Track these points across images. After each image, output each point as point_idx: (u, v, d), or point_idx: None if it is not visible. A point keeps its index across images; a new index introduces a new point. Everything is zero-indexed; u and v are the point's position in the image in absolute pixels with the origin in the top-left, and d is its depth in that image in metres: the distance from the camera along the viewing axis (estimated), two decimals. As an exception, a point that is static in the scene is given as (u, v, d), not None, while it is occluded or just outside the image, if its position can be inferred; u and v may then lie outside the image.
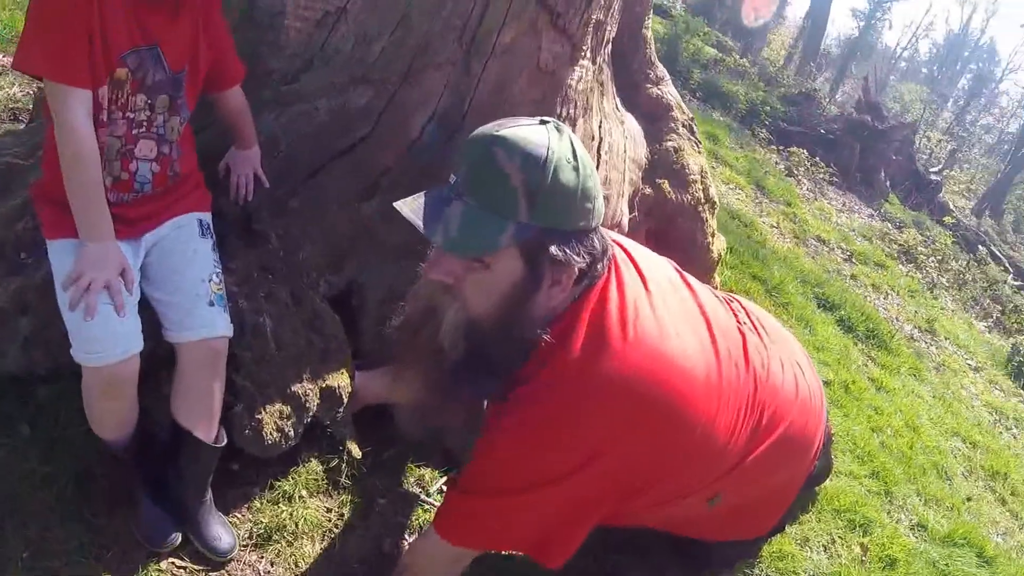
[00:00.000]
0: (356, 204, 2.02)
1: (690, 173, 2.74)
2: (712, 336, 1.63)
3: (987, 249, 12.10)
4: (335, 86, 1.99)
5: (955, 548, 3.37)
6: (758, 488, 1.84)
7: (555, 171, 1.32)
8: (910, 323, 6.65)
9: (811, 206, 8.52)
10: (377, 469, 2.04)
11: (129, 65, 1.52)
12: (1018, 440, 5.50)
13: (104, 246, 1.52)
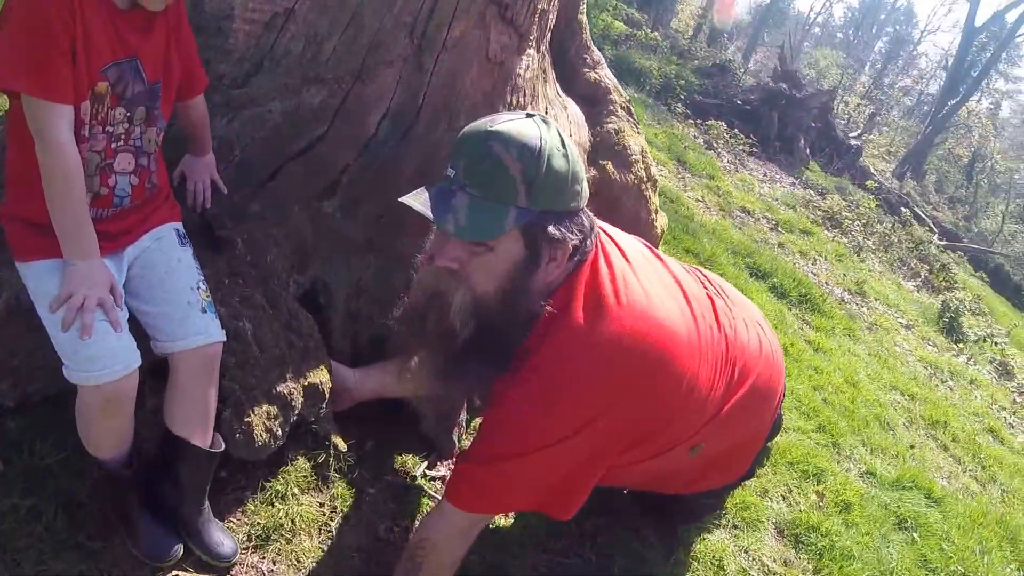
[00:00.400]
0: (317, 203, 2.12)
1: (631, 154, 2.96)
2: (687, 301, 1.86)
3: (910, 211, 12.84)
4: (288, 87, 2.08)
5: (904, 491, 3.74)
6: (732, 436, 2.08)
7: (548, 159, 1.53)
8: (840, 286, 7.11)
9: (733, 178, 8.95)
10: (362, 461, 2.17)
11: (109, 78, 1.55)
12: (954, 391, 5.99)
13: (91, 263, 1.55)
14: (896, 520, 3.47)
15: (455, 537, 1.81)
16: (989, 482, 4.63)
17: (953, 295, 8.25)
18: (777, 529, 2.98)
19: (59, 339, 1.54)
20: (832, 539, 3.01)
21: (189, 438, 1.71)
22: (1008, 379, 7.16)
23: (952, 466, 4.58)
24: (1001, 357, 7.39)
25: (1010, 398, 6.75)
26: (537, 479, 1.74)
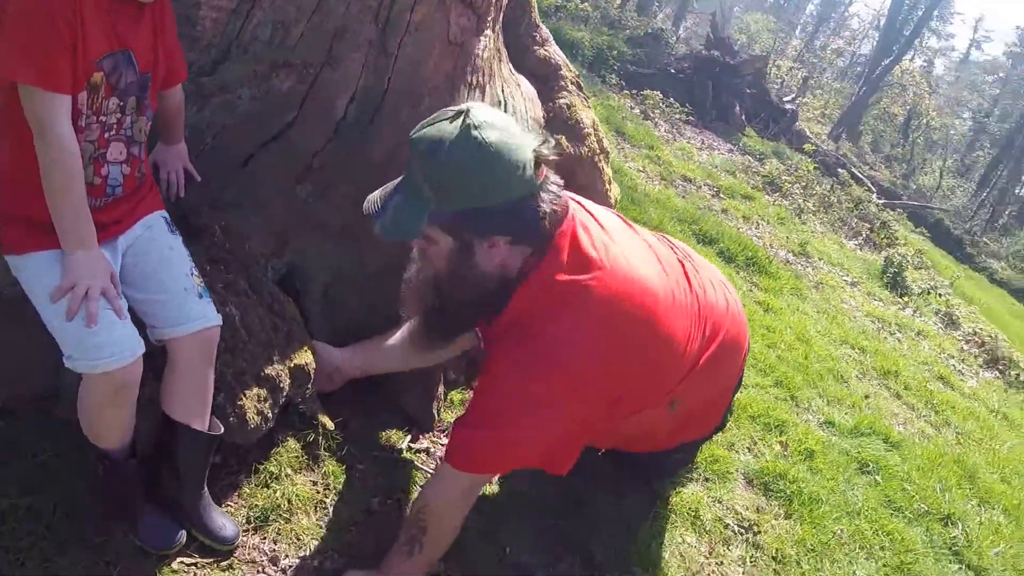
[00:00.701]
0: (291, 189, 2.22)
1: (584, 127, 3.12)
2: (661, 264, 2.03)
3: (848, 171, 13.32)
4: (257, 74, 2.16)
5: (863, 438, 4.02)
6: (706, 390, 2.27)
7: (448, 164, 1.66)
8: (784, 248, 7.43)
9: (672, 147, 9.23)
10: (349, 438, 2.29)
11: (104, 69, 1.62)
12: (903, 343, 6.35)
13: (91, 253, 1.62)
14: (858, 465, 3.74)
15: (457, 499, 1.94)
16: (943, 425, 4.96)
17: (895, 251, 8.67)
18: (746, 479, 3.22)
19: (62, 329, 1.60)
20: (799, 485, 3.26)
21: (189, 423, 1.79)
22: (954, 328, 7.59)
23: (906, 412, 4.91)
24: (946, 308, 7.81)
25: (957, 346, 7.17)
26: (534, 438, 1.88)
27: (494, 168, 1.68)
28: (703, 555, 2.68)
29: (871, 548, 3.18)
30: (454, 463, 1.90)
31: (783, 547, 2.89)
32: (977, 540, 3.63)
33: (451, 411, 2.65)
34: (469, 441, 1.89)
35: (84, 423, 1.74)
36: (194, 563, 1.86)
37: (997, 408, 5.93)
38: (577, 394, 1.84)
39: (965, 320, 7.95)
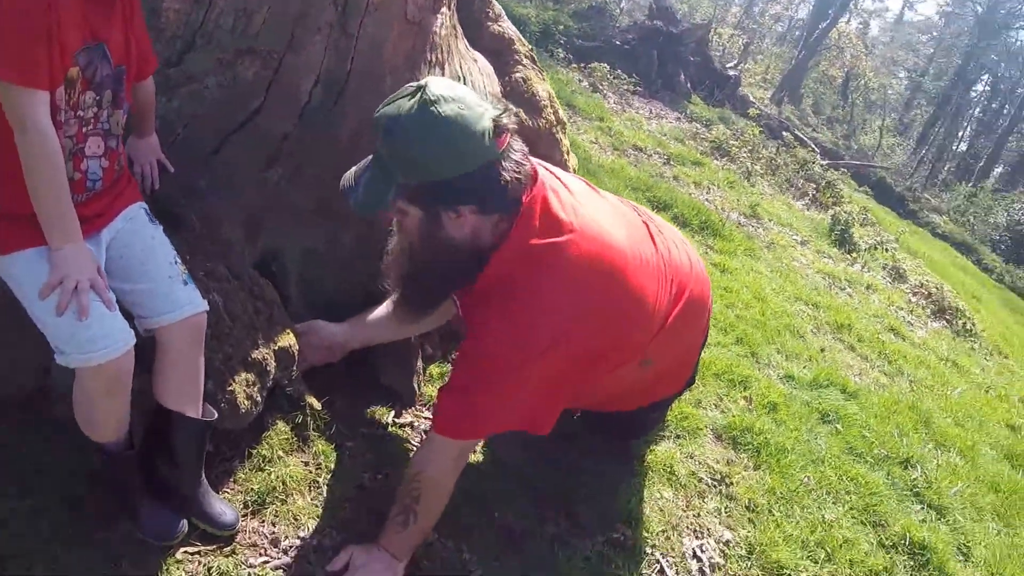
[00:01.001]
0: (262, 174, 2.23)
1: (540, 100, 3.16)
2: (627, 225, 2.10)
3: (791, 134, 13.53)
4: (222, 62, 2.17)
5: (822, 389, 4.15)
6: (675, 348, 2.34)
7: (408, 139, 1.73)
8: (735, 211, 7.56)
9: (622, 118, 9.31)
10: (336, 417, 2.33)
11: (80, 63, 1.61)
12: (853, 297, 6.52)
13: (77, 247, 1.62)
14: (819, 415, 3.87)
15: (447, 466, 1.99)
16: (897, 375, 5.13)
17: (841, 209, 8.85)
18: (715, 434, 3.32)
19: (53, 325, 1.60)
20: (766, 437, 3.37)
21: (183, 410, 1.81)
22: (901, 282, 7.80)
23: (861, 364, 5.06)
24: (893, 262, 8.02)
25: (905, 298, 7.37)
26: (517, 400, 1.94)
27: (451, 140, 1.73)
28: (681, 508, 2.77)
29: (837, 493, 3.31)
30: (442, 431, 1.96)
31: (755, 497, 3.00)
32: (936, 481, 3.78)
33: (431, 385, 2.69)
34: (455, 408, 1.95)
35: (80, 418, 1.75)
36: (197, 551, 1.88)
37: (946, 356, 6.14)
38: (557, 354, 1.90)
39: (912, 273, 8.17)
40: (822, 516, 3.10)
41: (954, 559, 3.27)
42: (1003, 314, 11.18)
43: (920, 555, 3.17)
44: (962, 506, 3.73)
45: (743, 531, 2.82)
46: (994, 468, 4.38)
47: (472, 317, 2.00)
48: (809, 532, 2.97)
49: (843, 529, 3.09)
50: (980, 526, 3.67)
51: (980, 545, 3.49)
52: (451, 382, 2.00)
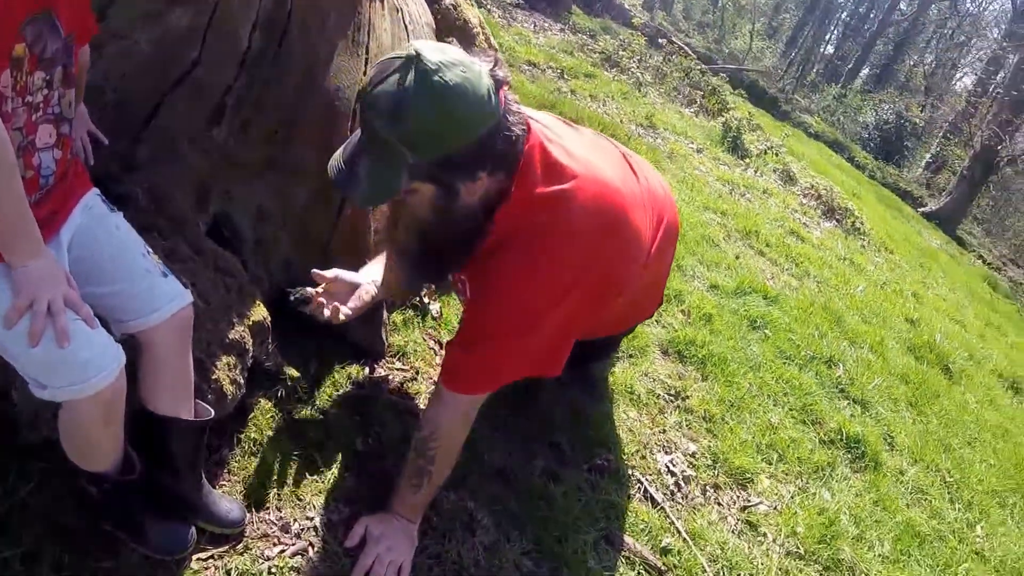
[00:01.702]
0: (206, 133, 2.03)
1: (472, 26, 3.02)
2: (611, 160, 2.04)
3: (668, 40, 13.63)
4: (150, 13, 1.93)
5: (746, 296, 4.30)
6: (654, 275, 2.35)
7: (418, 117, 1.55)
8: (633, 122, 7.63)
9: (509, 33, 9.15)
10: (313, 385, 2.22)
11: (27, 38, 1.31)
12: (753, 202, 6.72)
13: (42, 261, 1.35)
14: (748, 323, 4.01)
15: (459, 421, 1.93)
16: (804, 276, 5.36)
17: (730, 115, 9.04)
18: (662, 350, 3.39)
19: (27, 357, 1.36)
20: (708, 348, 3.47)
21: (178, 415, 1.63)
22: (792, 184, 8.08)
23: (772, 268, 5.26)
24: (783, 166, 8.28)
25: (798, 200, 7.66)
26: (530, 349, 1.88)
27: (462, 108, 1.58)
28: (647, 427, 2.84)
29: (777, 396, 3.47)
30: (456, 387, 1.89)
31: (709, 407, 3.11)
32: (856, 377, 4.01)
33: (397, 334, 2.61)
34: (470, 362, 1.88)
35: (72, 450, 1.52)
36: (211, 556, 1.76)
37: (843, 255, 6.43)
38: (571, 300, 1.85)
39: (800, 175, 8.48)
40: (768, 420, 3.24)
41: (883, 449, 3.50)
42: (880, 209, 11.81)
43: (856, 448, 3.38)
44: (881, 399, 3.97)
45: (704, 441, 2.93)
46: (902, 361, 4.67)
47: (482, 270, 1.89)
48: (760, 436, 3.11)
49: (788, 430, 3.24)
50: (898, 416, 3.93)
51: (901, 434, 3.75)
52: (461, 338, 1.92)
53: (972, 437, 4.32)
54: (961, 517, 3.41)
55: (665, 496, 2.57)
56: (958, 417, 4.43)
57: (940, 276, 8.94)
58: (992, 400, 5.24)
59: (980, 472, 3.92)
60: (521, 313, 1.83)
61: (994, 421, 4.80)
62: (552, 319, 1.86)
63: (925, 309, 6.46)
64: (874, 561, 2.78)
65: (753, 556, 2.51)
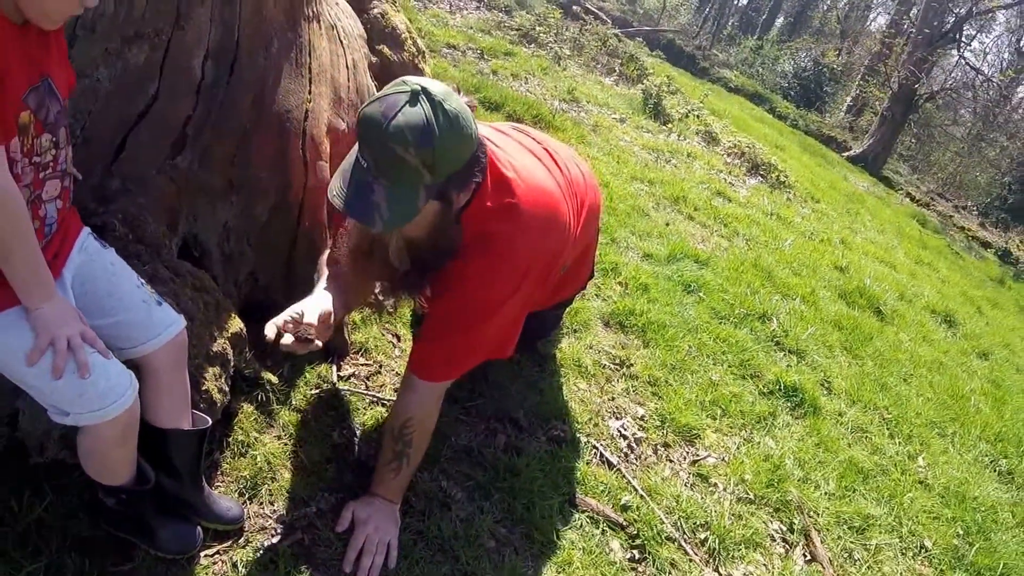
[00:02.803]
0: (171, 162, 2.20)
1: (400, 33, 3.22)
2: (537, 157, 2.34)
3: (582, 7, 13.85)
4: (109, 52, 2.08)
5: (678, 262, 4.60)
6: (579, 250, 2.65)
7: (440, 140, 1.80)
8: (556, 98, 7.86)
9: (426, 15, 9.27)
10: (287, 386, 2.45)
11: (31, 106, 1.50)
12: (679, 168, 7.04)
13: (56, 302, 1.55)
14: (683, 287, 4.32)
15: (432, 407, 2.22)
16: (734, 236, 5.69)
17: (651, 83, 9.33)
18: (604, 322, 3.67)
19: (52, 389, 1.55)
20: (647, 316, 3.76)
21: (179, 426, 1.84)
22: (715, 144, 8.43)
23: (701, 231, 5.58)
24: (705, 128, 8.62)
25: (722, 160, 8.00)
26: (491, 337, 2.20)
27: (464, 131, 1.86)
28: (596, 395, 3.12)
29: (715, 355, 3.78)
30: (428, 376, 2.17)
31: (652, 372, 3.40)
32: (790, 328, 4.34)
33: (357, 332, 2.85)
34: (438, 353, 2.16)
35: (92, 468, 1.73)
36: (216, 551, 1.98)
37: (770, 211, 6.79)
38: (524, 289, 2.16)
39: (723, 135, 8.84)
40: (709, 378, 3.55)
41: (821, 394, 3.83)
42: (805, 158, 12.28)
43: (794, 396, 3.71)
44: (816, 347, 4.32)
45: (651, 404, 3.22)
46: (834, 308, 5.04)
47: (441, 278, 2.16)
48: (703, 394, 3.41)
49: (729, 386, 3.56)
50: (834, 362, 4.28)
51: (838, 378, 4.10)
52: (428, 333, 2.20)
53: (908, 374, 4.72)
54: (902, 450, 3.78)
55: (620, 458, 2.85)
56: (892, 356, 4.82)
57: (868, 220, 9.41)
58: (925, 336, 5.68)
59: (918, 406, 4.32)
60: (483, 307, 2.13)
61: (929, 356, 5.22)
62: (508, 308, 2.16)
63: (854, 255, 6.87)
64: (821, 499, 3.10)
65: (706, 505, 2.81)
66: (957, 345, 5.92)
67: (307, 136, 2.49)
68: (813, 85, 21.19)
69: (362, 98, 2.88)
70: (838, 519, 3.06)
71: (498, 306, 2.14)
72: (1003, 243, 15.67)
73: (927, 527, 3.29)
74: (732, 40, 26.06)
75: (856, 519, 3.10)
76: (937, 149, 23.43)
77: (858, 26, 30.30)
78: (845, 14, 30.16)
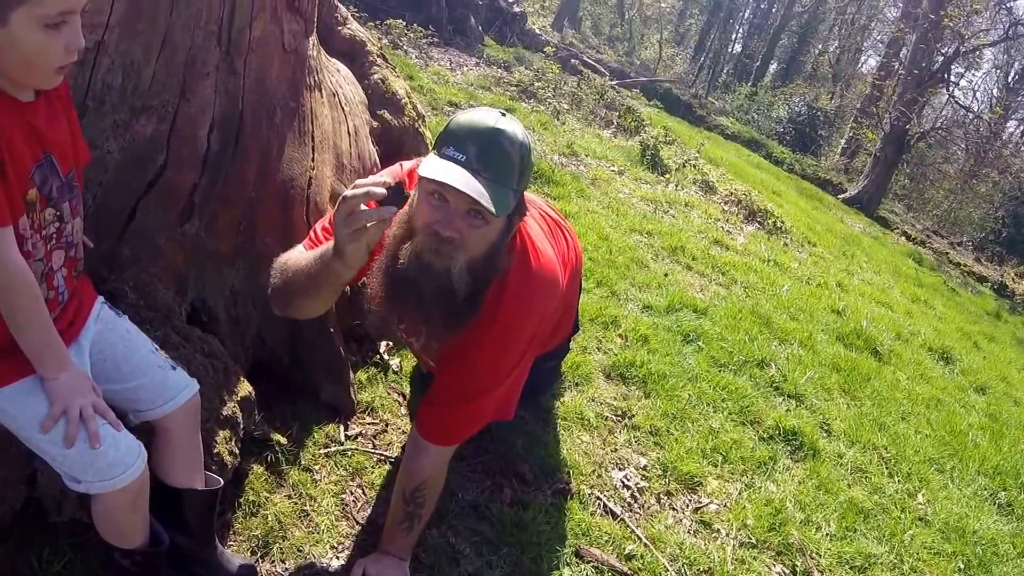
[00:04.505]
0: (180, 229, 2.27)
1: (400, 98, 3.31)
2: (541, 230, 2.41)
3: (579, 60, 14.09)
4: (118, 124, 2.14)
5: (677, 313, 4.64)
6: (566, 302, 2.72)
7: (530, 152, 1.98)
8: (555, 152, 7.95)
9: (428, 73, 9.46)
10: (296, 446, 2.48)
11: (36, 183, 1.55)
12: (677, 218, 7.11)
13: (71, 372, 1.60)
14: (682, 337, 4.35)
15: (442, 468, 2.26)
16: (731, 284, 5.74)
17: (648, 135, 9.46)
18: (605, 375, 3.70)
19: (63, 457, 1.59)
20: (647, 368, 3.79)
21: (192, 485, 1.88)
22: (712, 193, 8.52)
23: (700, 280, 5.63)
24: (701, 176, 8.71)
25: (719, 209, 8.08)
26: (498, 401, 2.26)
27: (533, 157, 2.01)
28: (599, 447, 3.14)
29: (715, 403, 3.80)
30: (439, 441, 2.20)
31: (654, 422, 3.42)
32: (789, 373, 4.36)
33: (364, 391, 2.88)
34: (449, 419, 2.21)
35: (106, 532, 1.75)
36: None
37: (767, 257, 6.85)
38: (528, 356, 2.23)
39: (719, 183, 8.93)
40: (710, 426, 3.57)
41: (820, 437, 3.85)
42: (801, 203, 12.39)
43: (793, 440, 3.73)
44: (815, 391, 4.34)
45: (653, 454, 3.24)
46: (832, 351, 5.07)
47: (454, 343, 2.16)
48: (704, 442, 3.43)
49: (729, 433, 3.58)
50: (833, 404, 4.30)
51: (837, 420, 4.12)
52: (439, 398, 2.23)
53: (906, 412, 4.74)
54: (901, 488, 3.79)
55: (623, 508, 2.86)
56: (890, 396, 4.84)
57: (864, 261, 9.48)
58: (923, 374, 5.70)
59: (916, 443, 4.33)
60: (493, 377, 2.19)
61: (927, 394, 5.24)
62: (515, 374, 2.23)
63: (850, 297, 6.92)
64: (822, 541, 3.11)
65: (709, 551, 2.82)
66: (954, 381, 5.94)
67: (310, 203, 2.56)
68: (808, 129, 21.44)
69: (364, 164, 2.95)
70: (840, 559, 3.06)
71: (506, 376, 2.21)
72: (999, 277, 15.73)
73: (928, 563, 3.28)
74: (727, 88, 26.41)
75: (858, 559, 3.10)
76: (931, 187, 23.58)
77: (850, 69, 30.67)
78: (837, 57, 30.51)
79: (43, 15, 1.41)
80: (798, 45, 30.85)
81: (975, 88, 30.98)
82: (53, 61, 1.48)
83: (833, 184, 18.00)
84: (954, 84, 19.97)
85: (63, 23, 1.44)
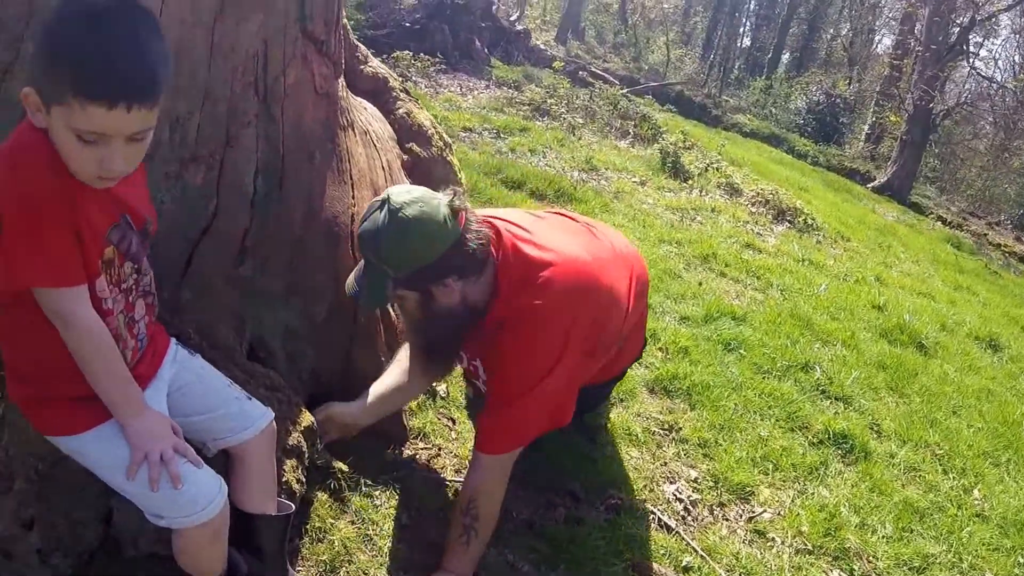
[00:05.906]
0: (235, 272, 2.46)
1: (426, 129, 3.51)
2: (575, 235, 2.61)
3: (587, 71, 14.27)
4: (169, 175, 2.31)
5: (715, 322, 4.77)
6: (635, 319, 2.86)
7: (392, 242, 2.22)
8: (574, 169, 8.13)
9: (439, 101, 9.68)
10: (357, 473, 2.64)
11: (113, 241, 1.68)
12: (705, 224, 7.24)
13: (148, 416, 1.73)
14: (722, 346, 4.48)
15: (498, 481, 2.43)
16: (768, 288, 5.86)
17: (667, 141, 9.60)
18: (649, 389, 3.84)
19: (147, 497, 1.73)
20: (691, 379, 3.92)
21: (266, 511, 2.04)
22: (738, 195, 8.63)
23: (735, 287, 5.75)
24: (726, 180, 8.83)
25: (747, 211, 8.19)
26: (544, 404, 2.42)
27: (422, 234, 2.23)
28: (649, 462, 3.27)
29: (762, 410, 3.92)
30: (488, 449, 2.40)
31: (701, 434, 3.55)
32: (835, 375, 4.47)
33: (414, 418, 3.05)
34: (496, 427, 2.41)
35: (186, 563, 1.89)
36: None
37: (801, 256, 6.94)
38: (567, 355, 2.39)
39: (744, 184, 9.06)
40: (758, 434, 3.69)
41: (871, 438, 3.95)
42: (830, 196, 12.46)
43: (844, 443, 3.83)
44: (861, 391, 4.45)
45: (703, 466, 3.36)
46: (876, 348, 5.16)
47: (490, 357, 2.50)
48: (754, 451, 3.55)
49: (778, 440, 3.69)
50: (881, 403, 4.40)
51: (886, 419, 4.22)
52: (486, 410, 2.47)
53: (956, 406, 4.81)
54: (957, 485, 3.88)
55: (677, 521, 2.99)
56: (939, 390, 4.92)
57: (901, 251, 9.52)
58: (971, 365, 5.75)
59: (969, 438, 4.41)
60: (529, 377, 2.38)
61: (976, 385, 5.30)
62: (555, 376, 2.39)
63: (890, 291, 6.99)
64: (879, 543, 3.21)
65: (766, 560, 2.93)
66: (1004, 369, 5.97)
67: (355, 238, 2.71)
68: (828, 118, 21.11)
69: (398, 195, 3.11)
70: (897, 561, 3.17)
71: (544, 374, 2.38)
72: (1042, 253, 15.48)
73: (987, 560, 3.37)
74: (741, 83, 26.40)
75: (916, 559, 3.20)
76: (962, 166, 22.98)
77: (865, 51, 30.48)
78: (850, 40, 30.39)
79: (74, 126, 1.47)
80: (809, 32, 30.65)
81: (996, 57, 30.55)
82: (87, 169, 1.54)
83: (861, 173, 17.85)
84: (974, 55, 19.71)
85: (95, 141, 1.49)
